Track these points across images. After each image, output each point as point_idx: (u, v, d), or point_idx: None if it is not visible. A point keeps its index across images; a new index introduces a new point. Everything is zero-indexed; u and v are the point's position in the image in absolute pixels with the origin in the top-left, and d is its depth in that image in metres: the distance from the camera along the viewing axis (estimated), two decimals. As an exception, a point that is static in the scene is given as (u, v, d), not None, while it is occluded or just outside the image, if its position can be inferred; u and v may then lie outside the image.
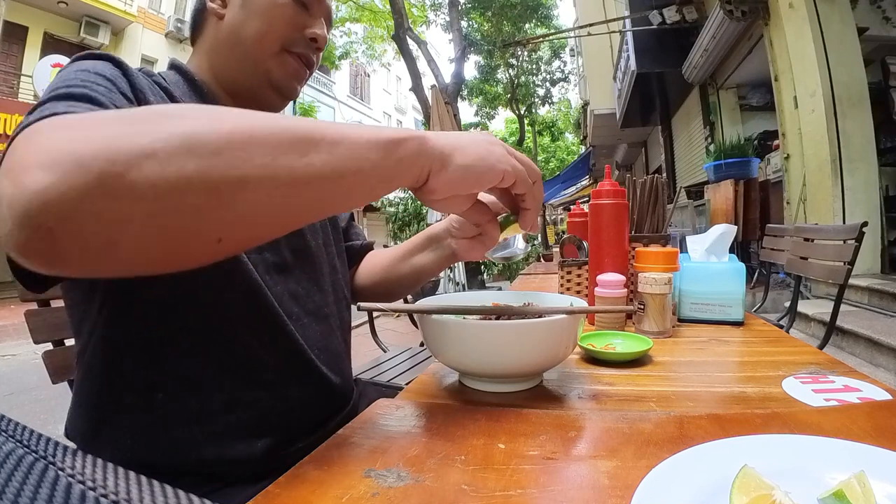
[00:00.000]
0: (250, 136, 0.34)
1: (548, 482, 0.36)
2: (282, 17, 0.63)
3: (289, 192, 0.35)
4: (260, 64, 0.64)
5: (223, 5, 0.64)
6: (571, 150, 24.85)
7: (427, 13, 13.82)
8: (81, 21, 11.14)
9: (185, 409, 0.54)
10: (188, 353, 0.55)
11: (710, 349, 0.78)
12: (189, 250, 0.34)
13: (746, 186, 4.44)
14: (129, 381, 0.54)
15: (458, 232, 0.70)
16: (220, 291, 0.55)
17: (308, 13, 0.65)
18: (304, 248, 0.69)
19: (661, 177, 1.12)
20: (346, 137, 0.38)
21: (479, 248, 0.69)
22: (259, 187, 0.33)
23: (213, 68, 0.66)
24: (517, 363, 0.55)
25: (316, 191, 0.37)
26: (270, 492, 0.34)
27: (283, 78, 0.66)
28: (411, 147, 0.41)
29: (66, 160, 0.29)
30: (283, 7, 0.63)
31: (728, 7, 4.58)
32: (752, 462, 0.32)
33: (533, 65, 18.02)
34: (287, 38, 0.64)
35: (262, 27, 0.63)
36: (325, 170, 0.36)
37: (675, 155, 8.58)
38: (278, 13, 0.63)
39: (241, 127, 0.34)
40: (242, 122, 0.35)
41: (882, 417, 0.45)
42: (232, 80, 0.66)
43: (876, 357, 2.67)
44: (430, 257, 0.78)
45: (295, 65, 0.66)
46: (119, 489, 0.16)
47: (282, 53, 0.64)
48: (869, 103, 3.86)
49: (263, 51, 0.64)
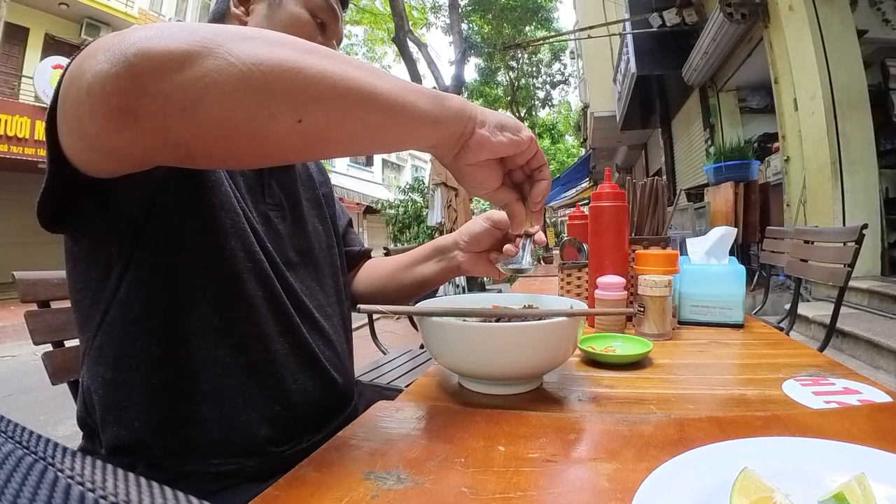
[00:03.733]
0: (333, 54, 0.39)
1: (548, 485, 0.36)
2: (303, 35, 0.64)
3: (357, 101, 0.39)
4: None
5: (246, 13, 0.65)
6: (571, 153, 24.87)
7: (427, 15, 13.86)
8: (82, 23, 11.17)
9: (196, 387, 0.55)
10: (202, 331, 0.55)
11: (711, 352, 0.78)
12: (270, 126, 0.36)
13: (746, 189, 4.43)
14: (140, 359, 0.54)
15: (467, 245, 0.72)
16: (237, 275, 0.57)
17: (324, 35, 0.68)
18: (308, 248, 0.70)
19: (662, 179, 1.12)
20: (401, 82, 0.43)
21: (484, 263, 0.71)
22: (338, 83, 0.38)
23: None
24: (517, 366, 0.55)
25: (378, 113, 0.41)
26: (270, 494, 0.34)
27: None
28: (456, 102, 0.47)
29: (167, 32, 0.33)
30: (305, 27, 0.65)
31: (728, 9, 4.59)
32: (753, 464, 0.32)
33: (533, 67, 18.05)
34: None
35: None
36: (390, 95, 0.41)
37: (675, 157, 8.59)
38: (301, 30, 0.65)
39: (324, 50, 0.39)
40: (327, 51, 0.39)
41: (882, 420, 0.45)
42: None
43: (876, 359, 2.66)
44: (434, 268, 0.80)
45: None
46: (119, 491, 0.16)
47: None
48: (869, 105, 3.86)
49: None
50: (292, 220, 0.69)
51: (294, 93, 0.36)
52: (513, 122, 0.50)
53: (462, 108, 0.47)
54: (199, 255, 0.55)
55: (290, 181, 0.71)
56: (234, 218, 0.57)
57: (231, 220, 0.57)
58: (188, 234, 0.54)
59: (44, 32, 10.79)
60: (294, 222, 0.69)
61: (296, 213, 0.70)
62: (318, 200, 0.77)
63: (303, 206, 0.72)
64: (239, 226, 0.58)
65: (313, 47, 0.38)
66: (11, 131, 9.18)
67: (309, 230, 0.71)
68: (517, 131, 0.50)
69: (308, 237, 0.70)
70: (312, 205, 0.75)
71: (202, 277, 0.55)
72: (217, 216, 0.56)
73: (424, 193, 7.55)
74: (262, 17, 0.64)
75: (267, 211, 0.65)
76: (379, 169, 22.47)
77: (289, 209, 0.69)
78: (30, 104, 9.74)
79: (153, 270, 0.53)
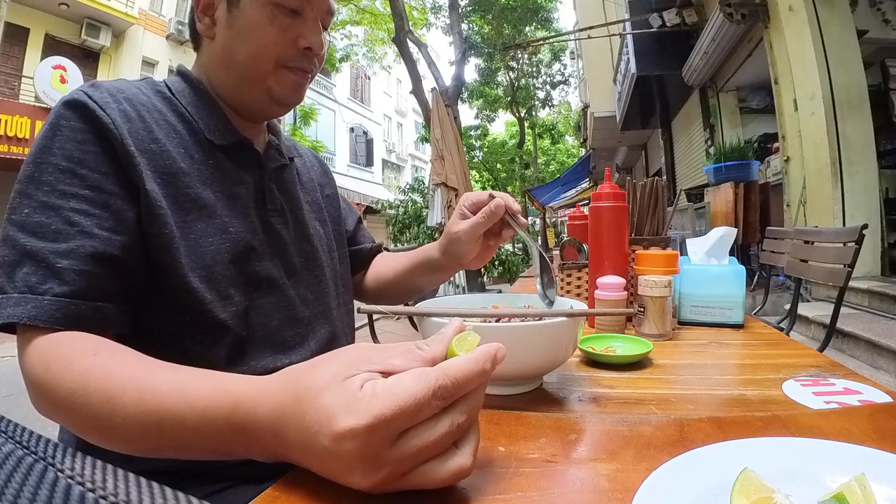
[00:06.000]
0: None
1: (548, 485, 0.36)
2: (271, 35, 0.59)
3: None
4: (258, 83, 0.62)
5: (212, 24, 0.62)
6: (571, 153, 24.87)
7: (427, 16, 13.85)
8: (82, 23, 11.15)
9: None
10: (208, 337, 0.55)
11: (711, 352, 0.78)
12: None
13: (746, 189, 4.43)
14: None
15: (457, 248, 0.71)
16: (252, 289, 0.59)
17: (302, 18, 0.61)
18: (311, 252, 0.69)
19: (662, 179, 1.12)
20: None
21: (484, 252, 0.70)
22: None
23: (213, 81, 0.65)
24: (517, 366, 0.55)
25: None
26: (270, 494, 0.34)
27: (284, 93, 0.63)
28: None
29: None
30: (271, 22, 0.59)
31: (728, 10, 4.59)
32: (753, 465, 0.32)
33: (533, 67, 18.06)
34: (280, 55, 0.61)
35: (252, 49, 0.60)
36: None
37: (675, 157, 8.59)
38: (266, 31, 0.59)
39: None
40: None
41: (882, 420, 0.45)
42: (233, 96, 0.64)
43: (876, 360, 2.66)
44: (434, 276, 0.80)
45: (294, 78, 0.63)
46: (119, 491, 0.16)
47: (278, 70, 0.62)
48: (869, 106, 3.86)
49: (259, 71, 0.61)
50: (294, 224, 0.68)
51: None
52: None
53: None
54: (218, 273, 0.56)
55: (290, 183, 0.71)
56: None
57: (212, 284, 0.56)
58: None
59: (44, 32, 10.78)
60: (297, 227, 0.69)
61: (297, 217, 0.69)
62: (318, 204, 0.77)
63: (304, 210, 0.71)
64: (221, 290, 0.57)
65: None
66: (11, 131, 9.18)
67: (311, 233, 0.70)
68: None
69: (311, 240, 0.70)
70: (312, 208, 0.75)
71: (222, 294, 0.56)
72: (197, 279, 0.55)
73: (424, 194, 7.54)
74: (224, 26, 0.60)
75: (269, 218, 0.64)
76: (379, 169, 22.47)
77: (290, 213, 0.68)
78: (30, 104, 9.74)
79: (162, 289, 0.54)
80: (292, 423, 0.33)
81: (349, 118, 20.32)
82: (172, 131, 0.58)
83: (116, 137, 0.52)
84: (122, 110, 0.54)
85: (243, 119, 0.67)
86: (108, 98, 0.54)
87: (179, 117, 0.60)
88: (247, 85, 0.63)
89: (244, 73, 0.62)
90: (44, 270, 0.46)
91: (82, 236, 0.47)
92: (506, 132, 25.60)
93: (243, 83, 0.63)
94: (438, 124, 5.31)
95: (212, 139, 0.61)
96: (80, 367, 0.42)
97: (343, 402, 0.31)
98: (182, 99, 0.61)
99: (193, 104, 0.62)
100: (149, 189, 0.52)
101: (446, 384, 0.31)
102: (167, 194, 0.54)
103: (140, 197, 0.52)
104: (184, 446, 0.39)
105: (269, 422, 0.34)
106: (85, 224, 0.48)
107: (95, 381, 0.41)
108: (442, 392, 0.31)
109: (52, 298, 0.45)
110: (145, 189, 0.52)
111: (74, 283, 0.46)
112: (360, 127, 20.92)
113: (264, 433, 0.35)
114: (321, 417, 0.31)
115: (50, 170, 0.49)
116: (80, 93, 0.53)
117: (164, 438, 0.39)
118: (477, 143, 17.55)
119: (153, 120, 0.56)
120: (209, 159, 0.60)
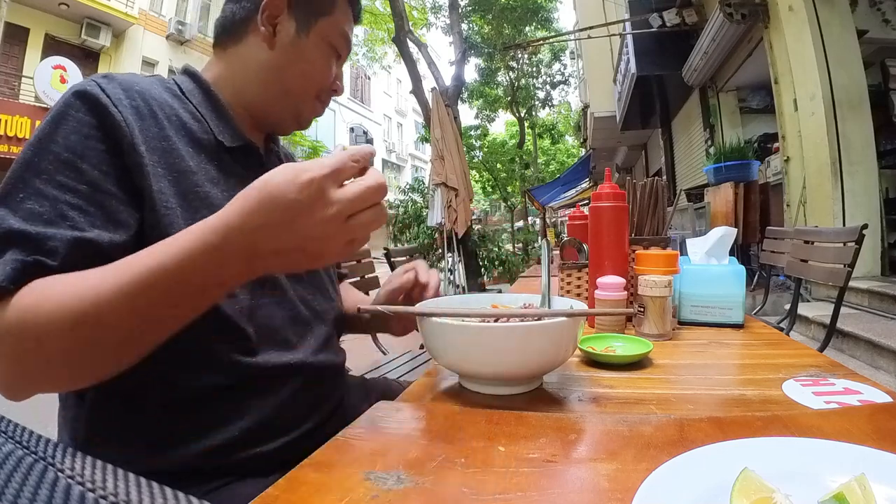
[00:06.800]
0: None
1: (548, 485, 0.36)
2: (324, 70, 0.68)
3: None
4: (293, 105, 0.68)
5: (271, 35, 0.64)
6: (571, 153, 24.85)
7: (427, 16, 13.84)
8: (82, 23, 11.16)
9: (205, 385, 0.55)
10: (216, 333, 0.55)
11: (711, 352, 0.78)
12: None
13: (746, 189, 4.43)
14: (144, 393, 0.54)
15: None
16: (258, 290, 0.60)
17: (339, 62, 0.70)
18: None
19: (661, 179, 1.12)
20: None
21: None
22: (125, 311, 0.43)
23: (237, 83, 0.66)
24: (517, 366, 0.55)
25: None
26: (270, 494, 0.34)
27: (307, 118, 0.71)
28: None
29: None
30: (326, 59, 0.67)
31: (728, 10, 4.59)
32: (753, 465, 0.32)
33: (533, 67, 18.04)
34: (322, 87, 0.69)
35: (307, 75, 0.66)
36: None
37: (675, 157, 8.59)
38: (321, 65, 0.67)
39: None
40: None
41: (882, 420, 0.45)
42: (256, 104, 0.67)
43: (876, 360, 2.66)
44: (357, 332, 0.84)
45: (320, 108, 0.71)
46: (119, 490, 0.16)
47: (314, 100, 0.69)
48: (869, 106, 3.86)
49: (302, 95, 0.68)
50: None
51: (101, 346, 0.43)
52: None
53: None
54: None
55: None
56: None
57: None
58: None
59: (44, 32, 10.80)
60: None
61: None
62: None
63: None
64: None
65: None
66: (11, 131, 9.20)
67: None
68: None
69: None
70: None
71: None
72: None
73: (424, 193, 7.54)
74: (287, 42, 0.64)
75: None
76: (379, 169, 22.38)
77: None
78: (30, 104, 9.76)
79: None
80: (259, 210, 0.40)
81: (349, 118, 20.33)
82: (182, 129, 0.58)
83: (125, 136, 0.51)
84: (134, 107, 0.54)
85: (254, 126, 0.69)
86: (121, 94, 0.53)
87: (190, 115, 0.61)
88: (281, 101, 0.67)
89: (288, 92, 0.66)
90: (33, 251, 0.45)
91: (73, 231, 0.47)
92: (506, 132, 25.57)
93: (278, 99, 0.66)
94: (438, 124, 5.31)
95: (222, 140, 0.61)
96: (59, 285, 0.44)
97: (298, 167, 0.41)
98: (192, 98, 0.62)
99: (203, 104, 0.63)
100: (156, 189, 0.52)
101: (356, 155, 0.43)
102: (177, 192, 0.54)
103: (144, 199, 0.52)
104: (171, 298, 0.43)
105: (238, 221, 0.41)
106: (78, 220, 0.47)
107: (73, 286, 0.43)
108: (352, 158, 0.43)
109: (38, 266, 0.45)
110: (151, 189, 0.52)
111: (63, 262, 0.45)
112: (360, 127, 20.92)
113: (237, 235, 0.41)
114: (284, 183, 0.40)
115: (50, 158, 0.48)
116: (93, 84, 0.52)
117: (152, 298, 0.42)
118: (477, 143, 17.51)
119: (164, 116, 0.57)
120: (215, 159, 0.60)
